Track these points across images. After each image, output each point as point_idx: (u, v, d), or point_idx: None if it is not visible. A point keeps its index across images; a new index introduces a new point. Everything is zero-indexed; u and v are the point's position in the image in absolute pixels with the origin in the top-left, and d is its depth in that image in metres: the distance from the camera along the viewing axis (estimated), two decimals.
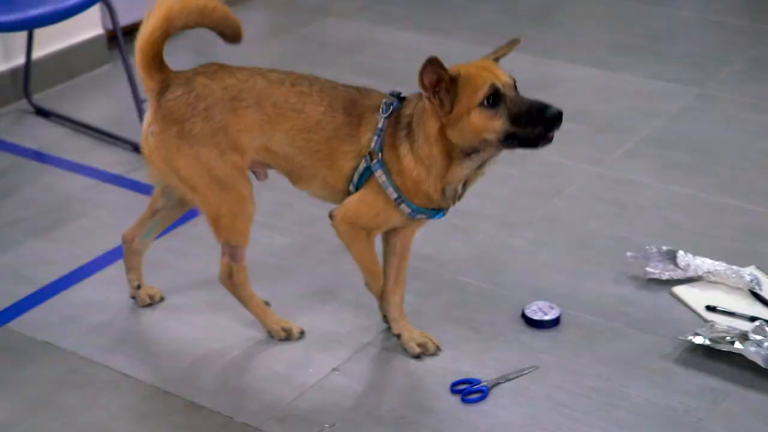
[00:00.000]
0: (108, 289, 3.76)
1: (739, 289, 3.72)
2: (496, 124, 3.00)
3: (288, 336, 3.46)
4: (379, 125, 3.15)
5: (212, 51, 5.96)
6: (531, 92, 5.25)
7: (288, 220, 4.12)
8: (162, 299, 3.67)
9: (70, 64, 5.42)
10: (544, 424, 3.13)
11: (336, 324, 3.53)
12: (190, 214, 4.19)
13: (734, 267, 3.74)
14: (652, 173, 4.51)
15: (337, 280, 3.77)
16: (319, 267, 3.85)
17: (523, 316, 3.55)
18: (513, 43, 3.26)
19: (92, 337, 3.52)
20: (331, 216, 3.25)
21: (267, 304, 3.50)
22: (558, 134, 4.81)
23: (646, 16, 6.30)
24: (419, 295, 3.69)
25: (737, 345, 3.33)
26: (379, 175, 3.14)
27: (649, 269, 3.77)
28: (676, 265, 3.78)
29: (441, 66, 3.01)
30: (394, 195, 3.15)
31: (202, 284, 3.77)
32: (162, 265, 3.87)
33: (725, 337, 3.38)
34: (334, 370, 3.35)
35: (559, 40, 5.98)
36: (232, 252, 3.34)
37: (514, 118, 3.00)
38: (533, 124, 3.01)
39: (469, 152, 3.08)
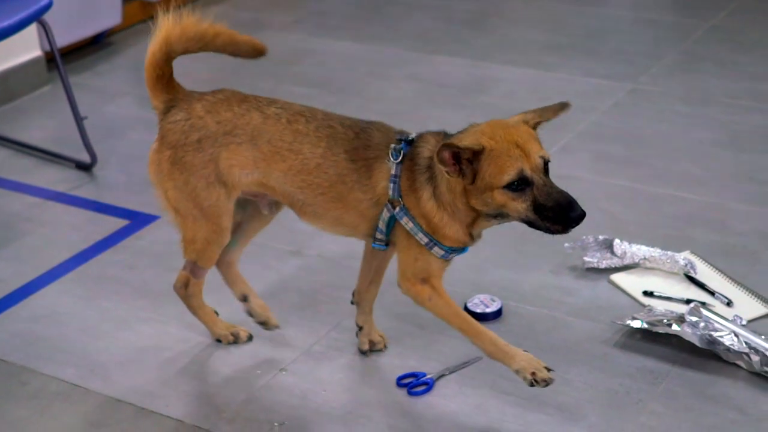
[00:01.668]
0: (55, 303, 3.80)
1: (674, 273, 3.82)
2: (519, 207, 2.88)
3: (236, 340, 3.51)
4: (393, 172, 3.03)
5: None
6: (468, 95, 5.40)
7: None
8: (277, 326, 3.52)
9: (10, 86, 5.45)
10: (488, 411, 3.21)
11: (282, 326, 3.58)
12: (136, 226, 4.25)
13: (669, 252, 3.84)
14: (587, 167, 4.61)
15: (282, 284, 3.83)
16: (265, 272, 3.90)
17: (466, 309, 3.62)
18: (561, 108, 3.02)
19: (42, 350, 3.55)
20: (399, 286, 3.17)
21: (215, 313, 3.54)
22: None
23: (579, 16, 6.43)
24: None
25: (674, 327, 3.42)
26: (405, 222, 3.04)
27: (587, 259, 3.87)
28: (613, 253, 3.87)
29: (457, 148, 2.86)
30: (425, 240, 3.05)
31: (148, 294, 3.81)
32: (109, 277, 3.92)
33: (662, 320, 3.47)
34: (281, 370, 3.40)
35: (494, 43, 6.09)
36: (195, 269, 3.36)
37: (538, 208, 2.86)
38: (554, 221, 2.87)
39: (494, 216, 2.97)
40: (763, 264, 3.90)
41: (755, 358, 3.30)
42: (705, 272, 3.81)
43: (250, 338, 3.53)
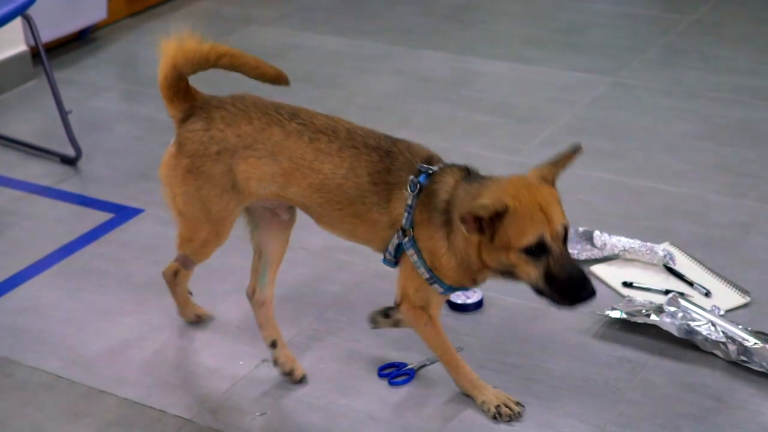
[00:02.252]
0: (40, 295, 3.82)
1: (653, 265, 3.85)
2: (531, 273, 2.83)
3: (199, 320, 3.60)
4: (409, 202, 2.99)
5: (138, 64, 6.04)
6: (452, 89, 5.43)
7: None
8: (302, 380, 3.35)
9: None
10: (468, 400, 3.24)
11: None
12: (120, 220, 4.28)
13: (648, 244, 3.88)
14: None
15: None
16: (247, 264, 3.90)
17: (447, 300, 3.65)
18: (574, 153, 3.02)
19: (26, 342, 3.57)
20: (397, 305, 3.19)
21: (190, 293, 3.58)
22: (478, 127, 5.01)
23: (562, 11, 6.47)
24: (345, 286, 3.80)
25: (653, 317, 3.46)
26: (411, 254, 3.02)
27: None
28: (593, 245, 3.91)
29: (481, 214, 2.79)
30: (426, 275, 3.04)
31: (132, 287, 3.84)
32: (93, 270, 3.95)
33: (641, 310, 3.51)
34: (263, 361, 3.43)
35: (477, 37, 6.12)
36: (186, 262, 3.38)
37: (549, 278, 2.82)
38: (563, 294, 2.84)
39: (501, 273, 2.93)
40: (741, 255, 3.94)
41: (732, 347, 3.34)
42: (684, 263, 3.85)
43: (209, 318, 3.61)
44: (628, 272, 3.82)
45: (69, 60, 5.92)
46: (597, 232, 3.91)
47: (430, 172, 3.00)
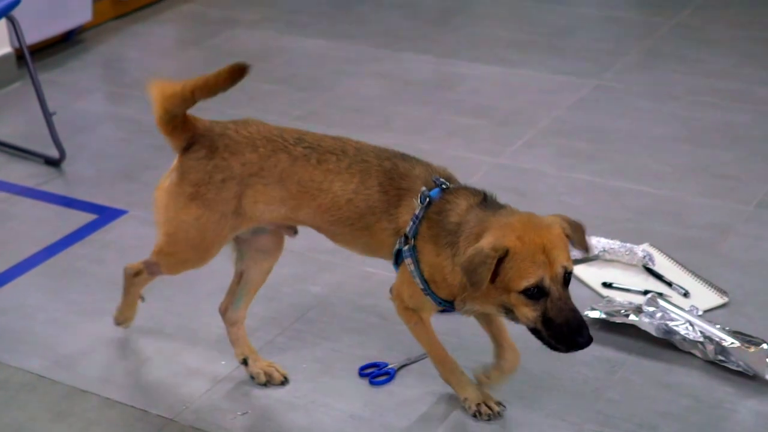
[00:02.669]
0: (23, 296, 3.84)
1: (633, 265, 3.89)
2: (529, 315, 2.82)
3: (123, 323, 3.54)
4: (416, 212, 2.97)
5: (124, 66, 6.06)
6: (435, 91, 5.46)
7: None
8: (284, 381, 3.38)
9: None
10: (448, 400, 3.26)
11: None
12: (104, 221, 4.29)
13: (628, 245, 3.91)
14: (550, 161, 4.68)
15: None
16: (230, 265, 3.94)
17: None
18: (588, 248, 2.99)
19: (8, 342, 3.59)
20: (392, 299, 3.18)
21: (142, 299, 3.52)
22: (460, 129, 5.04)
23: (545, 14, 6.51)
24: (328, 287, 3.83)
25: (632, 317, 3.50)
26: (408, 263, 2.99)
27: None
28: (572, 245, 3.93)
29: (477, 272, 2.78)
30: (421, 286, 3.01)
31: (115, 287, 3.82)
32: (76, 270, 3.97)
33: (620, 310, 3.55)
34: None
35: (461, 40, 6.15)
36: (154, 270, 3.35)
37: (547, 322, 2.80)
38: (559, 339, 2.82)
39: (502, 310, 2.91)
40: (719, 256, 3.97)
41: (710, 347, 3.38)
42: (663, 264, 3.89)
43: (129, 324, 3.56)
44: (608, 273, 3.86)
45: (54, 62, 5.93)
46: None
47: (444, 186, 2.98)
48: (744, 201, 4.33)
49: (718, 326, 3.44)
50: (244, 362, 3.38)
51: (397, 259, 3.06)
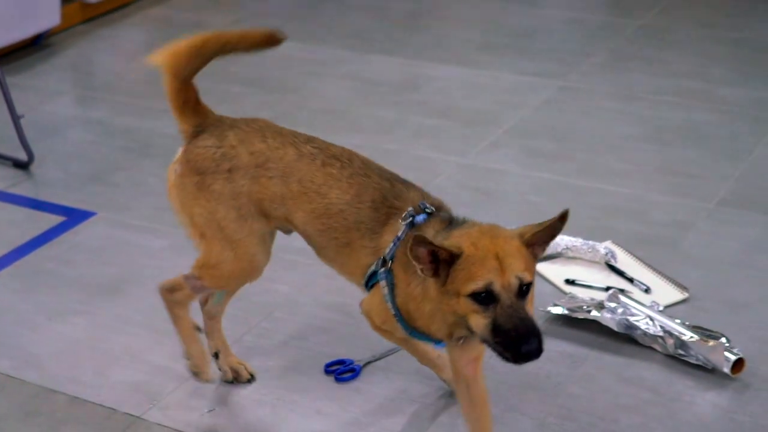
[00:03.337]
0: None
1: (596, 262, 3.95)
2: (480, 322, 2.69)
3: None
4: (399, 233, 2.89)
5: (92, 69, 6.08)
6: (402, 93, 5.51)
7: (166, 223, 4.22)
8: (250, 379, 3.41)
9: None
10: (412, 395, 3.32)
11: None
12: (72, 223, 4.32)
13: (590, 242, 3.97)
14: (515, 161, 4.74)
15: None
16: None
17: None
18: (561, 221, 2.73)
19: None
20: (361, 307, 3.09)
21: (198, 329, 3.33)
22: (426, 130, 5.09)
23: (512, 16, 6.57)
24: (294, 286, 3.87)
25: (594, 313, 3.55)
26: (383, 286, 2.92)
27: None
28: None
29: (434, 247, 2.68)
30: (393, 312, 2.93)
31: (83, 288, 3.89)
32: (45, 272, 3.99)
33: (582, 306, 3.60)
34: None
35: (428, 42, 6.21)
36: (197, 287, 3.19)
37: (495, 329, 2.67)
38: (505, 346, 2.68)
39: (461, 324, 2.79)
40: (680, 252, 4.04)
41: (670, 341, 3.44)
42: (625, 261, 3.95)
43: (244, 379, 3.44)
44: (571, 270, 3.92)
45: (22, 65, 5.94)
46: None
47: (429, 212, 2.91)
48: (705, 199, 4.40)
49: (678, 321, 3.50)
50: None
51: (369, 281, 2.99)
